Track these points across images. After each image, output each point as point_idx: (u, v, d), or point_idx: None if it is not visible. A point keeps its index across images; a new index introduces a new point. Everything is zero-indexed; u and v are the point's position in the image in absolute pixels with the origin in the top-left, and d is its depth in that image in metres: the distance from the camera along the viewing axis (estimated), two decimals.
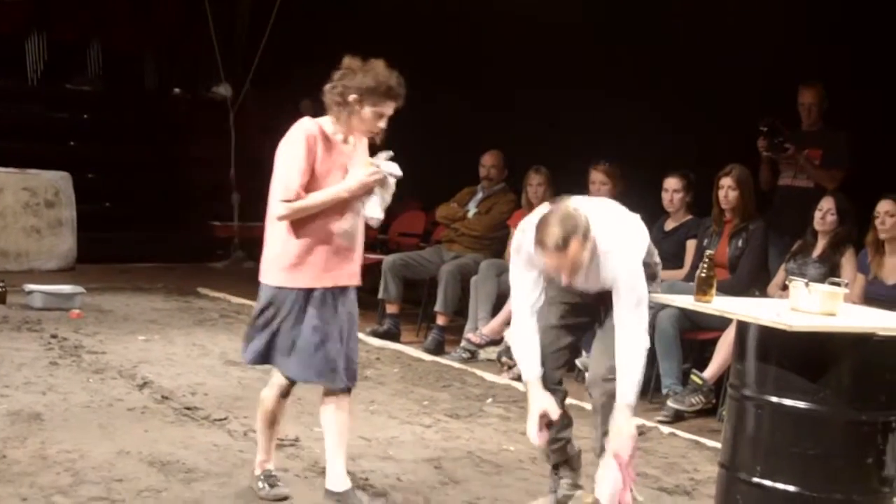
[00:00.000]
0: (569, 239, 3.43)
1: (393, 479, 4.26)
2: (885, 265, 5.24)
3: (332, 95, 3.66)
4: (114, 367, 5.78)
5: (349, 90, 3.62)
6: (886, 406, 3.34)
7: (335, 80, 3.66)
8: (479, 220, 7.41)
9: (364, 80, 3.61)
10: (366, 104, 3.64)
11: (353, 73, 3.64)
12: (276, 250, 3.80)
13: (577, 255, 3.47)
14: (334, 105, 3.66)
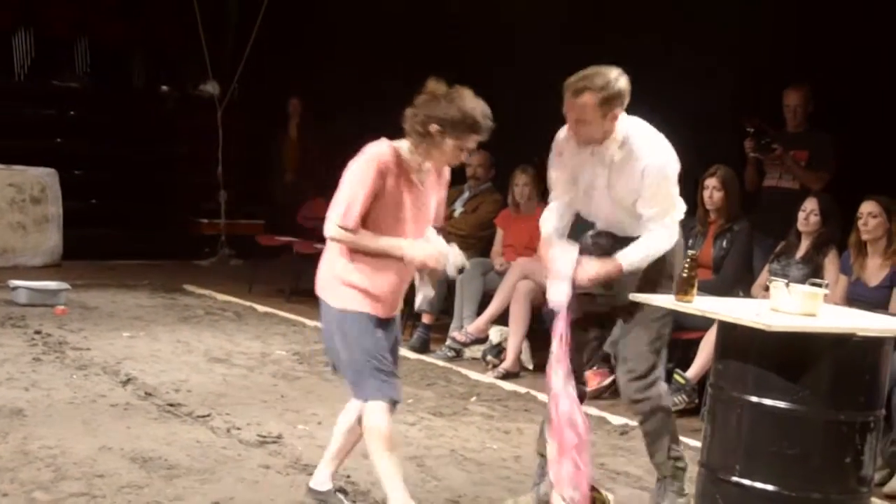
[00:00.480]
0: (588, 88, 3.56)
1: (374, 477, 4.25)
2: (867, 266, 5.26)
3: (412, 123, 3.48)
4: (98, 364, 5.77)
5: (431, 120, 3.43)
6: (865, 406, 3.36)
7: (417, 106, 3.48)
8: (466, 219, 7.42)
9: (448, 111, 3.43)
10: (448, 136, 3.44)
11: (437, 100, 3.46)
12: (335, 270, 3.60)
13: (587, 109, 3.57)
14: (414, 133, 3.48)
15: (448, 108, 3.43)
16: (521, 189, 7.02)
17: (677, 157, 3.81)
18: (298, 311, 7.92)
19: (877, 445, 3.47)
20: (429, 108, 3.46)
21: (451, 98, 3.45)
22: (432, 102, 3.46)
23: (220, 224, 10.52)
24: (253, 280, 8.77)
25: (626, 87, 3.66)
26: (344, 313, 3.53)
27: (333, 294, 3.56)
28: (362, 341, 3.50)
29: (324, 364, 5.89)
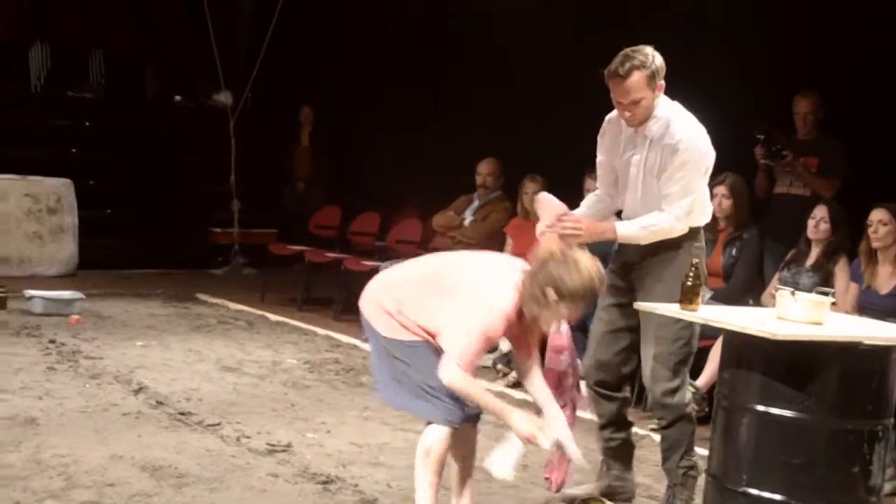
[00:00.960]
0: (634, 68, 3.72)
1: (383, 486, 4.28)
2: (878, 274, 5.24)
3: (531, 286, 3.41)
4: (110, 373, 5.81)
5: (550, 285, 3.38)
6: (872, 415, 3.36)
7: (538, 267, 3.43)
8: (476, 227, 7.44)
9: (569, 280, 3.38)
10: (563, 303, 3.41)
11: (556, 264, 3.40)
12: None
13: (640, 87, 3.73)
14: (530, 296, 3.42)
15: (569, 276, 3.39)
16: (530, 197, 7.01)
17: (714, 153, 3.92)
18: (310, 319, 7.95)
19: (886, 455, 3.46)
20: (548, 272, 3.41)
21: (570, 266, 3.40)
22: (551, 265, 3.42)
23: (234, 233, 10.57)
24: (265, 289, 8.81)
25: (661, 59, 3.85)
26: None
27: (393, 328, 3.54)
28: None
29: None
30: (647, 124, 3.87)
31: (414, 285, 3.56)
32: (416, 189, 8.96)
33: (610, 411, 4.20)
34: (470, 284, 3.47)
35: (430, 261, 3.76)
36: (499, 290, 3.44)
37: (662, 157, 3.84)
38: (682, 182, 3.83)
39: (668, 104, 3.91)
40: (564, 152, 7.59)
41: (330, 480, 4.28)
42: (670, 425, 4.03)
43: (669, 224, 3.87)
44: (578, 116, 7.58)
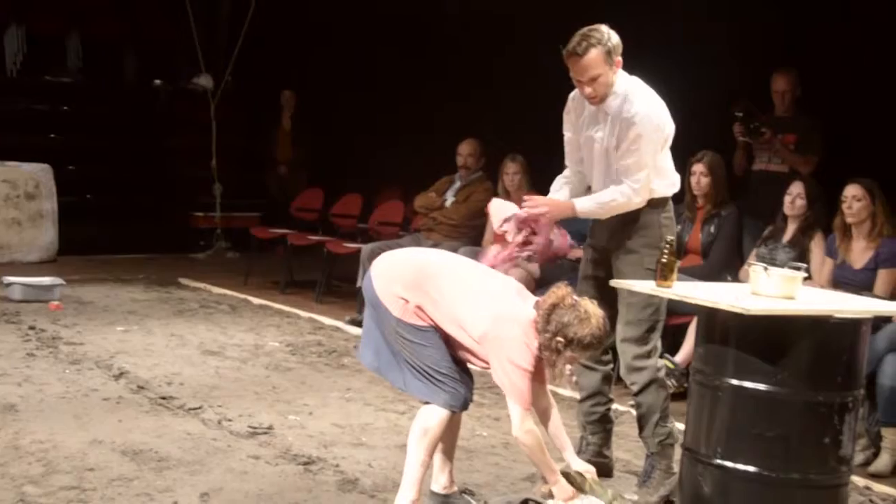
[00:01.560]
0: (590, 45, 3.82)
1: (364, 466, 4.31)
2: (852, 249, 5.28)
3: (544, 336, 3.50)
4: (91, 358, 5.81)
5: (560, 335, 3.47)
6: (843, 387, 3.39)
7: (549, 311, 3.50)
8: (457, 208, 7.44)
9: (579, 332, 3.47)
10: (570, 350, 3.51)
11: (566, 312, 3.49)
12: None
13: (597, 63, 3.82)
14: (545, 346, 3.51)
15: (578, 325, 3.47)
16: (511, 178, 7.04)
17: (672, 124, 3.99)
18: (293, 302, 7.96)
19: (855, 425, 3.50)
20: (558, 320, 3.48)
21: (579, 314, 3.49)
22: (560, 311, 3.49)
23: (216, 217, 10.54)
24: (248, 272, 8.80)
25: (617, 38, 3.93)
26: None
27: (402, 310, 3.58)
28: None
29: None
30: (606, 101, 3.95)
31: (434, 294, 3.56)
32: (398, 171, 8.96)
33: (593, 383, 4.28)
34: (500, 315, 3.52)
35: (448, 268, 3.69)
36: (527, 327, 3.52)
37: (619, 132, 3.93)
38: (637, 154, 3.91)
39: (627, 80, 3.98)
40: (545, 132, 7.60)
41: (311, 461, 4.30)
42: (642, 390, 4.09)
43: (626, 197, 3.95)
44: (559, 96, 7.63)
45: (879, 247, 5.18)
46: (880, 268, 5.17)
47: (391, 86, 9.59)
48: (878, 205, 5.19)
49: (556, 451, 3.83)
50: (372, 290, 3.65)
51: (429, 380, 3.57)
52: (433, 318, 3.57)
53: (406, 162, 8.89)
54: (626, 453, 4.71)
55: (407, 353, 3.59)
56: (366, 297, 3.71)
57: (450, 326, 3.57)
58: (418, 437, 3.59)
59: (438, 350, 3.57)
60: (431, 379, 3.57)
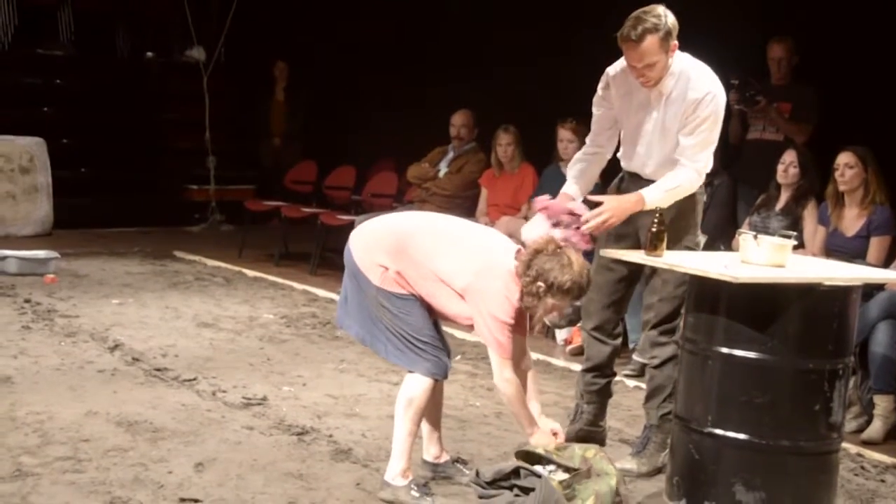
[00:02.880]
0: (647, 31, 3.68)
1: (357, 436, 4.33)
2: (844, 217, 5.29)
3: (526, 279, 3.49)
4: (86, 331, 5.82)
5: (540, 279, 3.46)
6: (833, 354, 3.41)
7: (530, 257, 3.49)
8: (450, 179, 7.44)
9: (560, 277, 3.46)
10: (549, 296, 3.49)
11: (548, 258, 3.48)
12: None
13: (654, 50, 3.69)
14: (526, 291, 3.50)
15: (560, 271, 3.46)
16: (504, 149, 7.04)
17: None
18: (287, 274, 7.96)
19: (846, 392, 3.52)
20: (539, 265, 3.48)
21: (563, 263, 3.48)
22: (542, 258, 3.49)
23: (210, 190, 10.53)
24: (243, 245, 8.80)
25: (674, 18, 3.80)
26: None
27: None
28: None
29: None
30: (664, 81, 3.83)
31: (414, 254, 3.57)
32: (392, 142, 8.94)
33: (601, 356, 4.26)
34: (482, 269, 3.51)
35: (427, 226, 3.70)
36: (507, 278, 3.51)
37: (686, 112, 3.82)
38: (704, 134, 3.83)
39: (681, 57, 3.86)
40: (537, 103, 7.59)
41: (305, 432, 4.32)
42: (662, 365, 4.09)
43: (691, 181, 3.87)
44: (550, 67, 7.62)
45: (871, 214, 5.19)
46: (872, 235, 5.19)
47: (384, 57, 9.54)
48: (870, 172, 5.20)
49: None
50: (352, 260, 3.66)
51: (410, 348, 3.59)
52: (414, 283, 3.58)
53: (399, 133, 8.87)
54: (618, 422, 4.75)
55: (388, 322, 3.60)
56: (346, 266, 3.72)
57: (432, 285, 3.56)
58: (404, 406, 3.61)
59: (419, 318, 3.59)
60: (413, 347, 3.58)
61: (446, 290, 3.56)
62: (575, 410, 4.36)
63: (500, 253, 3.60)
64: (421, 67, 9.13)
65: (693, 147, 3.84)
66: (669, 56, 3.79)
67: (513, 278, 3.52)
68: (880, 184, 5.21)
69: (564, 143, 6.51)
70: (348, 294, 3.74)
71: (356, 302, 3.69)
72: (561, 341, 6.28)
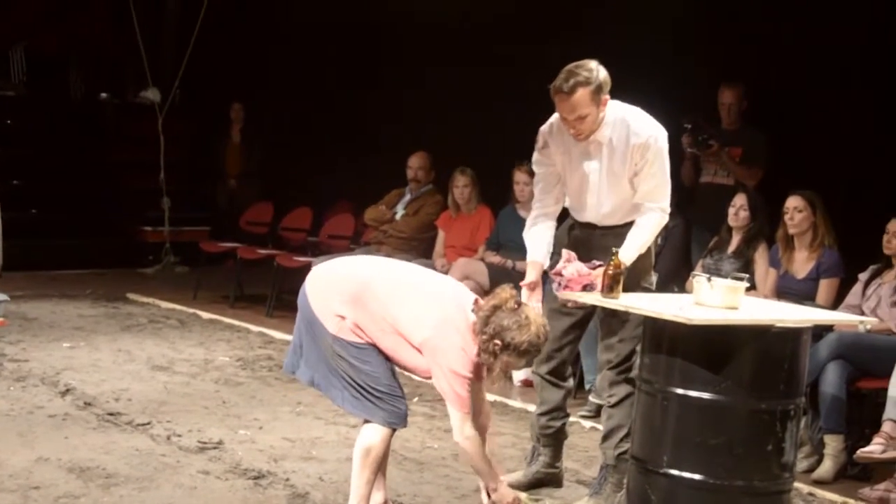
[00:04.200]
0: (578, 85, 3.75)
1: (315, 479, 4.30)
2: (794, 259, 5.39)
3: (483, 337, 3.49)
4: (36, 375, 5.73)
5: (497, 338, 3.46)
6: (785, 395, 3.47)
7: (489, 312, 3.49)
8: (407, 221, 7.47)
9: (517, 338, 3.47)
10: (505, 356, 3.50)
11: (507, 314, 3.48)
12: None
13: (584, 103, 3.76)
14: (483, 348, 3.50)
15: (518, 330, 3.46)
16: (460, 190, 7.09)
17: None
18: (242, 316, 7.91)
19: (798, 432, 3.58)
20: (497, 322, 3.47)
21: (520, 319, 3.48)
22: (501, 314, 3.48)
23: (164, 231, 10.44)
24: (198, 287, 8.73)
25: (606, 73, 3.88)
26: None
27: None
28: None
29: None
30: (599, 132, 3.91)
31: (371, 303, 3.53)
32: (349, 184, 8.97)
33: (555, 399, 4.30)
34: (440, 324, 3.50)
35: (383, 274, 3.67)
36: (465, 332, 3.51)
37: (632, 158, 3.89)
38: (658, 175, 3.92)
39: (614, 105, 3.93)
40: (494, 146, 7.67)
41: (261, 475, 4.28)
42: (618, 403, 4.12)
43: (658, 221, 3.98)
44: (508, 110, 7.71)
45: (821, 257, 5.30)
46: (822, 278, 5.30)
47: (341, 98, 9.59)
48: (818, 216, 5.32)
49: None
50: (308, 307, 3.61)
51: (366, 398, 3.54)
52: (371, 334, 3.55)
53: (356, 175, 8.90)
54: (574, 463, 4.76)
55: (343, 371, 3.55)
56: (300, 312, 3.67)
57: (390, 338, 3.55)
58: (362, 457, 3.57)
59: (377, 367, 3.55)
60: (369, 397, 3.54)
61: (404, 343, 3.55)
62: (531, 452, 4.38)
63: (457, 305, 3.59)
64: (378, 109, 9.19)
65: (653, 189, 3.94)
66: (601, 109, 3.86)
67: (470, 332, 3.52)
68: (828, 227, 5.33)
69: (521, 185, 6.57)
70: (303, 339, 3.70)
71: (311, 347, 3.65)
72: (518, 382, 6.30)
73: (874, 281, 5.09)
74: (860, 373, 4.82)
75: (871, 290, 5.07)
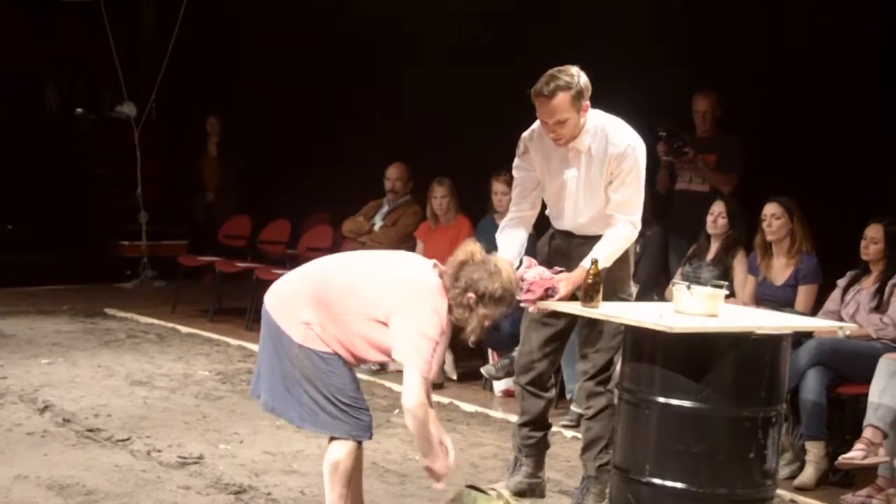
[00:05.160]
0: (559, 89, 3.75)
1: (296, 493, 4.28)
2: (773, 266, 5.42)
3: (454, 292, 3.45)
4: (14, 392, 5.67)
5: (470, 290, 3.44)
6: (766, 402, 3.48)
7: (457, 269, 3.45)
8: (385, 232, 7.45)
9: (490, 286, 3.44)
10: (481, 307, 3.47)
11: (476, 268, 3.45)
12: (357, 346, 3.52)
13: (564, 108, 3.77)
14: (453, 300, 3.46)
15: (489, 280, 3.44)
16: (439, 201, 7.08)
17: None
18: (222, 330, 7.87)
19: (779, 439, 3.59)
20: (468, 276, 3.44)
21: (491, 272, 3.46)
22: (470, 268, 3.45)
23: (142, 246, 10.38)
24: (176, 301, 8.68)
25: (586, 78, 3.89)
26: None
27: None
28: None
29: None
30: (579, 139, 3.91)
31: (334, 294, 3.46)
32: (327, 196, 8.95)
33: (536, 410, 4.28)
34: (404, 288, 3.43)
35: (340, 264, 3.62)
36: (434, 293, 3.44)
37: (609, 167, 3.90)
38: (633, 187, 3.93)
39: (595, 114, 3.95)
40: (471, 155, 7.67)
41: (242, 490, 4.26)
42: (596, 415, 4.12)
43: (629, 232, 3.97)
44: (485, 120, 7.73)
45: (799, 263, 5.33)
46: (800, 284, 5.32)
47: (317, 110, 9.59)
48: (796, 222, 5.35)
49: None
50: (270, 320, 3.54)
51: (330, 412, 3.45)
52: (340, 332, 3.44)
53: (334, 186, 8.88)
54: (557, 473, 4.76)
55: (308, 384, 3.45)
56: (264, 332, 3.58)
57: (359, 326, 3.43)
58: (330, 473, 3.50)
59: (343, 377, 3.48)
60: (334, 410, 3.45)
61: (375, 324, 3.43)
62: (514, 463, 4.38)
63: (419, 269, 3.53)
64: (354, 120, 9.19)
65: (625, 201, 3.94)
66: (581, 115, 3.87)
67: (439, 293, 3.45)
68: (806, 233, 5.36)
69: (499, 195, 6.57)
70: (262, 360, 3.61)
71: (269, 371, 3.56)
72: (499, 392, 6.29)
73: (853, 287, 5.11)
74: (840, 379, 4.85)
75: (849, 296, 5.10)
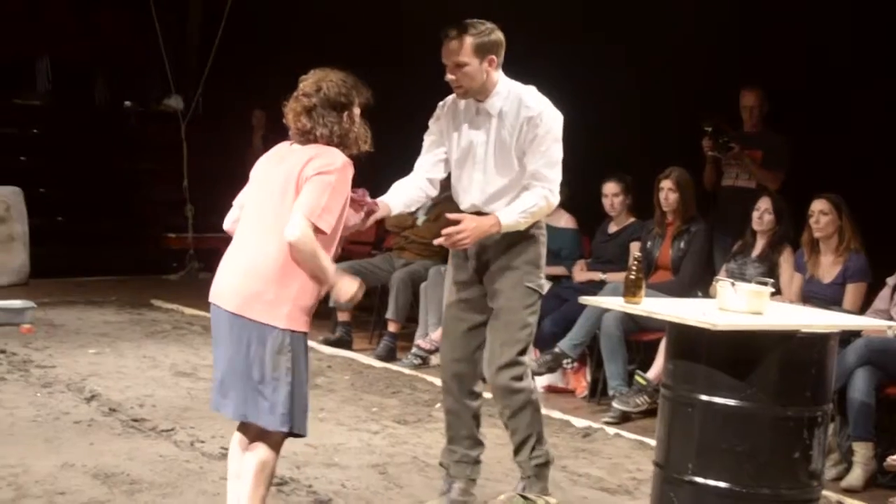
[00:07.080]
0: (464, 32, 3.71)
1: (337, 486, 4.30)
2: (820, 264, 5.34)
3: (326, 119, 3.53)
4: (62, 381, 5.76)
5: (334, 106, 3.51)
6: (812, 401, 3.43)
7: (309, 108, 3.51)
8: (429, 227, 7.45)
9: (337, 82, 3.58)
10: (352, 114, 3.59)
11: (324, 100, 3.52)
12: (295, 288, 3.35)
13: (465, 51, 3.71)
14: (336, 130, 3.52)
15: (333, 80, 3.52)
16: None
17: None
18: None
19: (825, 440, 3.54)
20: (321, 96, 3.49)
21: (321, 77, 3.55)
22: (323, 104, 3.50)
23: (188, 238, 10.50)
24: None
25: (501, 37, 3.82)
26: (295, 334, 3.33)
27: (279, 313, 3.32)
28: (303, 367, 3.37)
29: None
30: (489, 101, 3.80)
31: (256, 227, 3.46)
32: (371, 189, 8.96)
33: (463, 423, 4.03)
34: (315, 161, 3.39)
35: (245, 213, 3.66)
36: (337, 154, 3.40)
37: (522, 132, 3.76)
38: (549, 153, 3.77)
39: (512, 83, 3.84)
40: None
41: (284, 482, 4.28)
42: (517, 413, 3.88)
43: (546, 200, 3.78)
44: None
45: (847, 261, 5.24)
46: (848, 282, 5.24)
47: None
48: (844, 219, 5.26)
49: None
50: (244, 324, 3.34)
51: (292, 408, 3.31)
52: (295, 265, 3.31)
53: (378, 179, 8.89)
54: (599, 470, 4.73)
55: (283, 372, 3.28)
56: (222, 330, 3.44)
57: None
58: (258, 473, 3.35)
59: (304, 372, 3.36)
60: (296, 402, 3.32)
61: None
62: (445, 483, 4.07)
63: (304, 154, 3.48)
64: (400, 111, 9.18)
65: (540, 168, 3.77)
66: (484, 67, 3.75)
67: (329, 151, 3.41)
68: (854, 231, 5.27)
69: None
70: (223, 365, 3.44)
71: (234, 375, 3.37)
72: (541, 388, 6.28)
73: None
74: (889, 379, 4.77)
75: None
